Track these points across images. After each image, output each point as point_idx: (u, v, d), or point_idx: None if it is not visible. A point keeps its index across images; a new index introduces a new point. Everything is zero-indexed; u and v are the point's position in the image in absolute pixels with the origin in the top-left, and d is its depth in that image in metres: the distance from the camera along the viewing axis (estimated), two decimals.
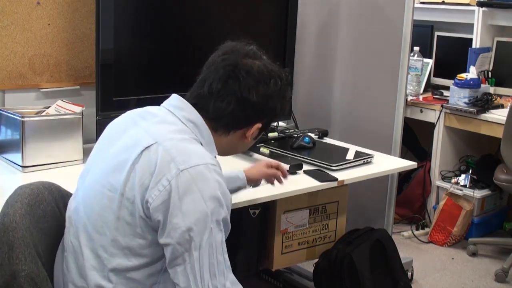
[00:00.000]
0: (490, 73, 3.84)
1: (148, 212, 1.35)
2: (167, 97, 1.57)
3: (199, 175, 1.35)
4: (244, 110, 1.49)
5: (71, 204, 1.53)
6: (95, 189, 1.44)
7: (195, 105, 1.50)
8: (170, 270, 1.36)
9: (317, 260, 2.53)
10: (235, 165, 2.36)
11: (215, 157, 1.53)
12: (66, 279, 1.47)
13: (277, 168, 1.99)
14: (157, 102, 1.59)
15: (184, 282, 1.34)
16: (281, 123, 2.94)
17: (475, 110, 3.48)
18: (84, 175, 1.53)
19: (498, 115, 3.43)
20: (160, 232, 1.35)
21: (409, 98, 3.75)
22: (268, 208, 2.33)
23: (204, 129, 1.49)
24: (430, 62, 4.09)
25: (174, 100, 1.53)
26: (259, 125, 1.54)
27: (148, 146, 1.38)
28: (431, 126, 3.75)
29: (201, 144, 1.47)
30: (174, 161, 1.35)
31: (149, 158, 1.37)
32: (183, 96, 1.54)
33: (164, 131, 1.43)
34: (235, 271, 2.41)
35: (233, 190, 1.85)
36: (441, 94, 3.90)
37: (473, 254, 3.49)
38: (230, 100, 1.48)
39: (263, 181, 2.00)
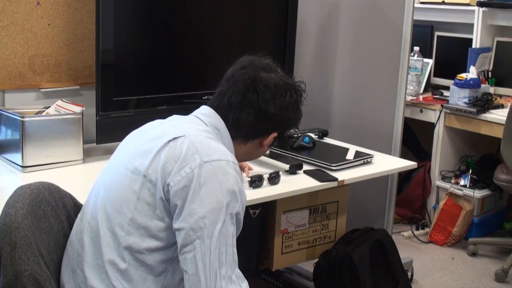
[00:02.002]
0: (490, 73, 3.84)
1: (168, 195, 1.41)
2: (167, 97, 1.58)
3: (220, 168, 1.42)
4: (262, 121, 1.61)
5: (90, 194, 1.57)
6: (118, 172, 1.51)
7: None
8: (180, 256, 1.40)
9: (317, 260, 2.53)
10: None
11: None
12: (82, 261, 1.49)
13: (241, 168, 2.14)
14: (157, 102, 1.59)
15: (193, 269, 1.38)
16: None
17: (475, 110, 3.48)
18: (105, 168, 1.60)
19: (498, 115, 3.43)
20: (176, 216, 1.41)
21: (409, 98, 3.75)
22: (268, 208, 2.33)
23: (226, 136, 1.59)
24: (430, 62, 4.09)
25: (203, 109, 1.64)
26: (275, 134, 1.66)
27: (176, 138, 1.47)
28: (431, 126, 3.75)
29: None
30: (198, 153, 1.43)
31: (175, 147, 1.45)
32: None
33: (192, 129, 1.52)
34: None
35: None
36: (441, 94, 3.90)
37: (473, 254, 3.49)
38: (249, 112, 1.59)
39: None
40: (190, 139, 1.46)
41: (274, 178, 2.15)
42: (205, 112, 1.62)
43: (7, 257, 1.36)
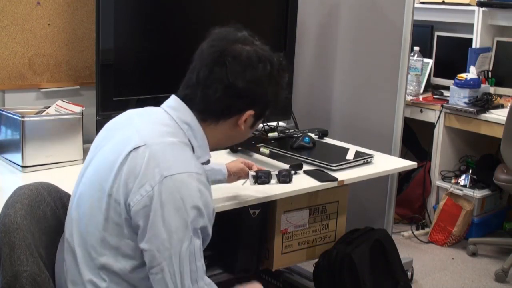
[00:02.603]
0: (490, 73, 3.84)
1: (129, 214, 1.36)
2: (167, 97, 1.57)
3: (182, 183, 1.34)
4: (231, 97, 1.46)
5: (71, 202, 1.54)
6: (87, 188, 1.46)
7: (185, 96, 1.50)
8: (149, 275, 1.37)
9: (317, 260, 2.53)
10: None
11: (209, 160, 1.54)
12: (66, 276, 1.48)
13: (249, 167, 2.01)
14: (157, 102, 1.59)
15: None
16: (281, 123, 2.94)
17: (475, 110, 3.48)
18: (82, 172, 1.54)
19: (498, 115, 3.43)
20: (140, 236, 1.36)
21: (409, 98, 3.75)
22: (268, 208, 2.33)
23: (198, 131, 1.48)
24: (430, 62, 4.09)
25: (171, 101, 1.52)
26: (251, 112, 1.50)
27: (137, 147, 1.38)
28: (431, 126, 3.75)
29: (192, 148, 1.47)
30: (159, 166, 1.34)
31: (136, 160, 1.37)
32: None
33: (156, 133, 1.42)
34: (235, 271, 2.42)
35: (214, 182, 1.88)
36: (441, 94, 3.90)
37: (473, 254, 3.49)
38: (217, 87, 1.45)
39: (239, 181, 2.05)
40: (150, 150, 1.37)
41: (285, 176, 2.02)
42: (173, 105, 1.50)
43: (6, 258, 1.36)
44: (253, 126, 1.57)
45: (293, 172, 2.05)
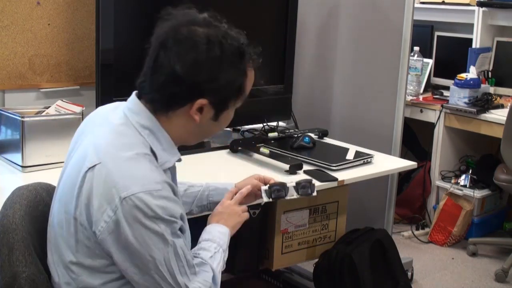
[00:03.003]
0: (490, 73, 3.84)
1: (97, 240, 1.31)
2: None
3: (142, 202, 1.27)
4: (173, 84, 1.33)
5: (50, 216, 1.47)
6: (57, 208, 1.41)
7: (139, 84, 1.42)
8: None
9: (317, 260, 2.53)
10: (235, 166, 2.37)
11: (180, 159, 1.46)
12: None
13: (266, 183, 1.75)
14: None
15: None
16: (281, 123, 2.94)
17: (475, 110, 3.48)
18: (58, 181, 1.48)
19: (498, 115, 3.43)
20: (117, 260, 1.32)
21: (409, 98, 3.75)
22: (268, 208, 2.33)
23: (160, 133, 1.38)
24: (430, 62, 4.09)
25: (131, 101, 1.42)
26: (203, 101, 1.35)
27: (92, 167, 1.31)
28: (431, 126, 3.75)
29: (155, 156, 1.37)
30: (115, 187, 1.27)
31: (92, 181, 1.30)
32: None
33: (111, 148, 1.33)
34: (235, 271, 2.42)
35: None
36: (441, 94, 3.90)
37: (473, 254, 3.49)
38: (161, 73, 1.34)
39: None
40: (106, 169, 1.29)
41: (305, 188, 1.76)
42: (133, 108, 1.40)
43: (5, 259, 1.35)
44: (216, 117, 1.40)
45: (314, 181, 1.79)
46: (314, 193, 1.75)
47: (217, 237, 1.53)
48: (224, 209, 1.62)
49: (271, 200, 1.71)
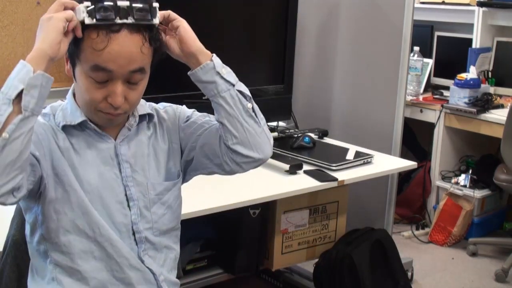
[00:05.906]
0: (490, 73, 3.84)
1: None
2: (166, 97, 1.56)
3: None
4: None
5: None
6: None
7: None
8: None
9: (317, 260, 2.53)
10: None
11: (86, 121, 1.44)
12: None
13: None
14: (156, 102, 1.59)
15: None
16: (281, 123, 2.94)
17: (475, 110, 3.48)
18: None
19: (498, 115, 3.43)
20: None
21: (409, 98, 3.75)
22: (268, 208, 2.33)
23: (69, 105, 1.52)
24: (430, 62, 4.09)
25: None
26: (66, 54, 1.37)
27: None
28: (431, 126, 3.75)
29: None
30: None
31: None
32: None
33: None
34: (235, 271, 2.42)
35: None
36: (441, 94, 3.90)
37: (473, 254, 3.49)
38: None
39: None
40: None
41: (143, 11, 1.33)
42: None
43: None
44: (74, 74, 1.44)
45: (155, 5, 1.39)
46: (156, 20, 1.35)
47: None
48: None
49: (94, 21, 1.28)
